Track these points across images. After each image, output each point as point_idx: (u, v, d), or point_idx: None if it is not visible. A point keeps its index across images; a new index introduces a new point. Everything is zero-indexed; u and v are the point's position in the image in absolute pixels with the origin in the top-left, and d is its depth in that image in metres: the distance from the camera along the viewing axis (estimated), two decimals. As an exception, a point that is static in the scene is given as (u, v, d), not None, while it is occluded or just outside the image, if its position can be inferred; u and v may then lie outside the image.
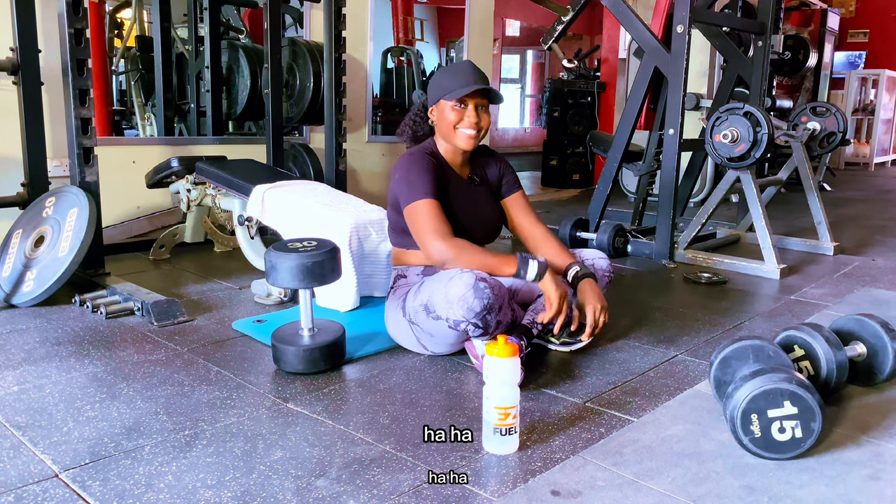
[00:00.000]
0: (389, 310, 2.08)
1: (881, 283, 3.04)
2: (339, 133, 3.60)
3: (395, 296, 2.06)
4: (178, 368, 1.91)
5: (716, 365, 1.66)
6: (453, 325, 1.82)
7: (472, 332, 1.83)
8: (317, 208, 2.52)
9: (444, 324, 1.84)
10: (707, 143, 3.19)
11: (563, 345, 2.06)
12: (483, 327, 1.81)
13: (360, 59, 4.53)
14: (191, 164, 3.01)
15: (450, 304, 1.79)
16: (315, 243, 1.92)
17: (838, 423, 1.60)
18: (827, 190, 6.72)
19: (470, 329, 1.82)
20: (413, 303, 1.93)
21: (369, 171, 4.69)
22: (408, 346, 2.06)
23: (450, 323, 1.82)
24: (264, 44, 3.36)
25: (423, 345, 1.99)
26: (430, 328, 1.89)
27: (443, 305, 1.81)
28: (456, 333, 1.86)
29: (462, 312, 1.77)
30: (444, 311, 1.81)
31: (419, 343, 2.00)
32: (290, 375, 1.87)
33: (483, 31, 5.36)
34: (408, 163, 2.01)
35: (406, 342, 2.05)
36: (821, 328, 1.73)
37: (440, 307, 1.82)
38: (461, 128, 2.01)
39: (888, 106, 9.80)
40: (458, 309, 1.78)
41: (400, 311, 2.00)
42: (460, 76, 1.99)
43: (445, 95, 1.99)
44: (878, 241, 4.13)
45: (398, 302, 2.03)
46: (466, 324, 1.80)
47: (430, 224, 1.91)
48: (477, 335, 1.85)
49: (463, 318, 1.79)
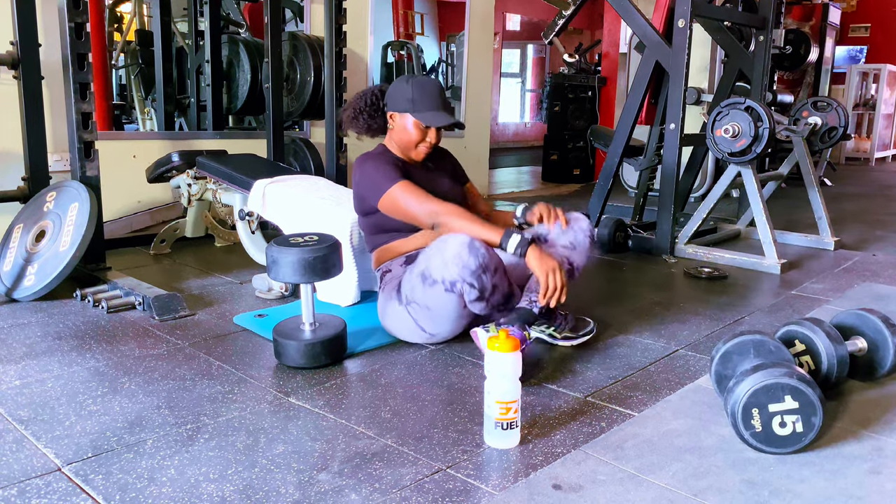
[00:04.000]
0: (384, 306, 2.09)
1: (882, 278, 3.04)
2: (340, 127, 3.59)
3: (386, 290, 2.09)
4: (180, 363, 1.91)
5: (717, 359, 1.67)
6: (449, 287, 1.83)
7: (469, 294, 1.84)
8: (318, 203, 2.52)
9: (440, 289, 1.85)
10: (708, 138, 3.19)
11: (564, 339, 2.05)
12: (479, 288, 1.82)
13: (360, 53, 4.52)
14: (191, 159, 3.01)
15: (445, 263, 1.82)
16: (316, 238, 1.92)
17: (839, 418, 1.60)
18: (827, 185, 6.72)
19: (466, 290, 1.83)
20: (409, 280, 1.95)
21: (370, 166, 4.68)
22: (408, 337, 2.06)
23: (446, 285, 1.84)
24: (265, 38, 3.35)
25: (421, 327, 2.00)
26: (428, 300, 1.90)
27: (438, 267, 1.83)
28: (454, 301, 1.87)
29: (457, 270, 1.80)
30: (439, 273, 1.84)
31: (418, 326, 2.00)
32: (291, 370, 1.87)
33: (483, 26, 5.35)
34: (364, 164, 2.10)
35: (406, 331, 2.05)
36: (821, 323, 1.73)
37: (436, 270, 1.84)
38: (421, 145, 2.12)
39: (889, 101, 9.78)
40: (454, 267, 1.80)
41: (395, 299, 2.02)
42: (431, 98, 2.09)
43: (416, 114, 2.08)
44: (879, 236, 4.13)
45: (391, 293, 2.05)
46: (462, 283, 1.82)
47: (414, 197, 1.99)
48: (473, 298, 1.85)
49: (458, 277, 1.81)
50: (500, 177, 7.45)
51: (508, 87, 13.35)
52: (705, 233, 3.77)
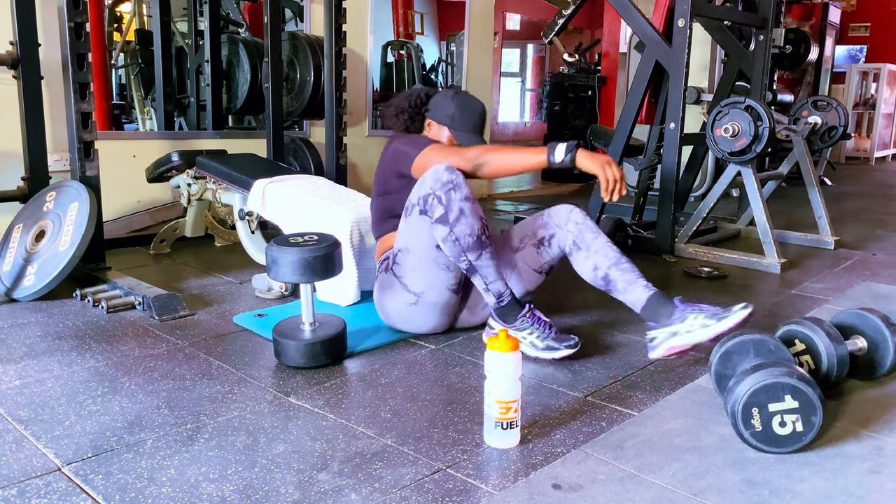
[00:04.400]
0: (380, 290, 2.12)
1: (882, 278, 3.04)
2: (340, 127, 3.59)
3: (381, 274, 2.12)
4: (180, 363, 1.91)
5: (717, 359, 1.67)
6: (422, 205, 1.87)
7: (433, 210, 1.85)
8: (317, 203, 2.52)
9: (415, 217, 1.90)
10: (708, 138, 3.19)
11: (546, 349, 1.93)
12: (444, 204, 1.84)
13: (360, 52, 4.52)
14: (191, 159, 3.01)
15: (422, 183, 1.89)
16: (316, 238, 1.92)
17: (839, 418, 1.60)
18: (827, 184, 6.72)
19: (433, 207, 1.85)
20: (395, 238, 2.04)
21: (370, 165, 4.67)
22: (398, 313, 2.08)
23: (420, 205, 1.88)
24: (264, 38, 3.35)
25: (406, 286, 2.01)
26: (409, 238, 1.96)
27: (415, 190, 1.91)
28: (428, 233, 1.90)
29: (430, 184, 1.86)
30: (415, 195, 1.90)
31: (404, 288, 2.02)
32: (291, 369, 1.87)
33: (483, 25, 5.35)
34: (396, 139, 2.14)
35: (395, 305, 2.07)
36: (821, 322, 1.73)
37: (413, 193, 1.92)
38: None
39: (889, 100, 9.78)
40: (429, 182, 1.86)
41: (382, 272, 2.09)
42: (471, 121, 2.17)
43: (453, 131, 2.15)
44: (879, 235, 4.13)
45: (384, 271, 2.10)
46: (432, 196, 1.85)
47: (450, 150, 2.01)
48: (437, 217, 1.85)
49: (430, 191, 1.86)
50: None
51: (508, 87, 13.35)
52: (705, 232, 3.77)
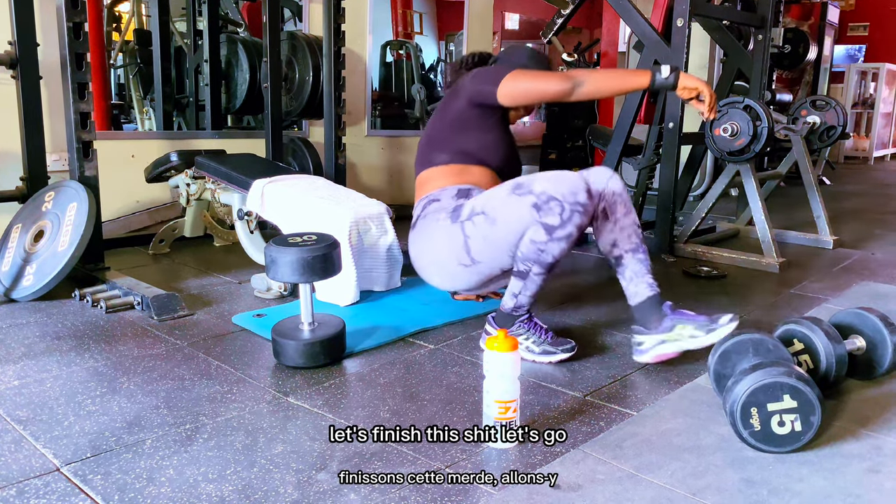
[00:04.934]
0: (423, 230, 2.06)
1: (880, 277, 3.04)
2: (339, 127, 3.59)
3: (430, 216, 2.05)
4: (179, 363, 1.91)
5: (715, 358, 1.67)
6: (543, 201, 1.77)
7: (549, 216, 1.77)
8: (316, 202, 2.52)
9: (526, 201, 1.79)
10: (707, 137, 3.19)
11: (543, 353, 1.93)
12: (564, 219, 1.77)
13: (359, 52, 4.51)
14: (190, 159, 3.00)
15: (556, 183, 1.78)
16: (315, 238, 1.92)
17: (837, 417, 1.60)
18: (826, 184, 6.72)
19: (551, 210, 1.77)
20: (487, 195, 1.93)
21: (369, 165, 4.69)
22: (439, 267, 2.04)
23: (540, 199, 1.77)
24: (263, 37, 3.35)
25: (468, 248, 1.94)
26: (503, 209, 1.85)
27: (545, 182, 1.79)
28: (526, 220, 1.81)
29: (564, 191, 1.76)
30: (541, 186, 1.78)
31: (465, 248, 1.94)
32: (290, 369, 1.87)
33: (482, 25, 5.34)
34: (476, 71, 2.10)
35: (443, 255, 2.01)
36: (820, 322, 1.73)
37: (540, 183, 1.79)
38: (522, 109, 2.24)
39: (888, 100, 9.79)
40: (564, 188, 1.77)
41: (446, 220, 1.99)
42: (545, 65, 2.20)
43: (536, 68, 2.13)
44: (878, 234, 4.13)
45: (437, 215, 2.02)
46: (557, 203, 1.76)
47: (539, 73, 1.98)
48: (552, 223, 1.77)
49: (560, 197, 1.76)
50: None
51: (507, 87, 13.31)
52: (704, 232, 3.77)
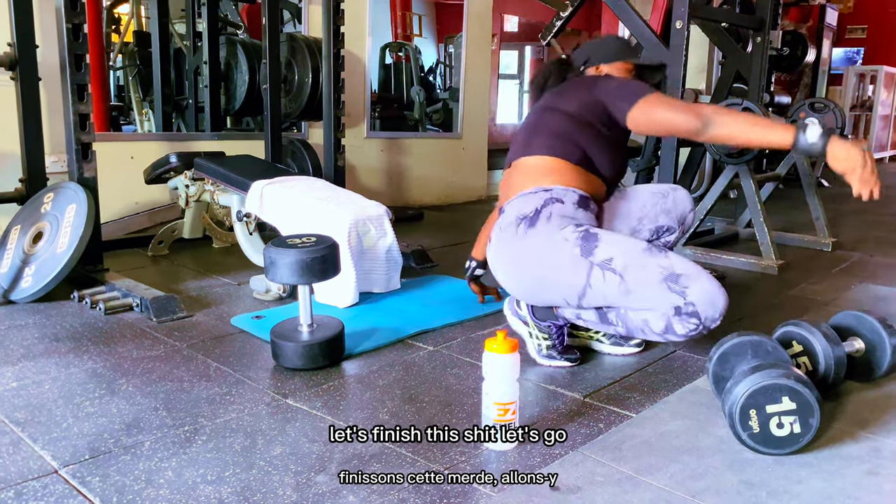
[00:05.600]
0: (545, 234, 1.78)
1: (879, 279, 3.04)
2: (338, 129, 3.59)
3: (555, 223, 1.78)
4: (178, 364, 1.91)
5: (714, 360, 1.66)
6: (687, 312, 1.66)
7: (685, 326, 1.69)
8: (315, 204, 2.52)
9: (674, 301, 1.66)
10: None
11: (547, 357, 1.94)
12: (686, 335, 1.70)
13: (358, 54, 4.52)
14: (189, 160, 3.00)
15: (713, 302, 1.66)
16: (314, 239, 1.92)
17: (836, 419, 1.60)
18: (825, 186, 6.73)
19: (682, 325, 1.68)
20: (627, 255, 1.71)
21: (368, 167, 4.69)
22: (526, 279, 1.85)
23: (688, 308, 1.65)
24: (262, 39, 3.35)
25: (579, 299, 1.77)
26: (637, 290, 1.69)
27: (702, 294, 1.65)
28: (645, 312, 1.72)
29: (711, 315, 1.66)
30: (695, 296, 1.65)
31: (576, 293, 1.75)
32: (289, 371, 1.87)
33: (481, 27, 5.35)
34: (610, 77, 1.98)
35: (538, 278, 1.81)
36: (819, 324, 1.73)
37: (696, 291, 1.65)
38: None
39: (886, 102, 9.81)
40: (714, 311, 1.66)
41: (578, 243, 1.74)
42: (634, 50, 2.14)
43: (632, 60, 2.08)
44: (876, 237, 4.14)
45: (569, 230, 1.77)
46: (698, 325, 1.67)
47: (675, 101, 1.83)
48: (687, 330, 1.69)
49: (704, 319, 1.67)
50: (499, 177, 7.45)
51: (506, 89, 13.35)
52: (703, 234, 3.77)
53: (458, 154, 5.29)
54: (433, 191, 5.10)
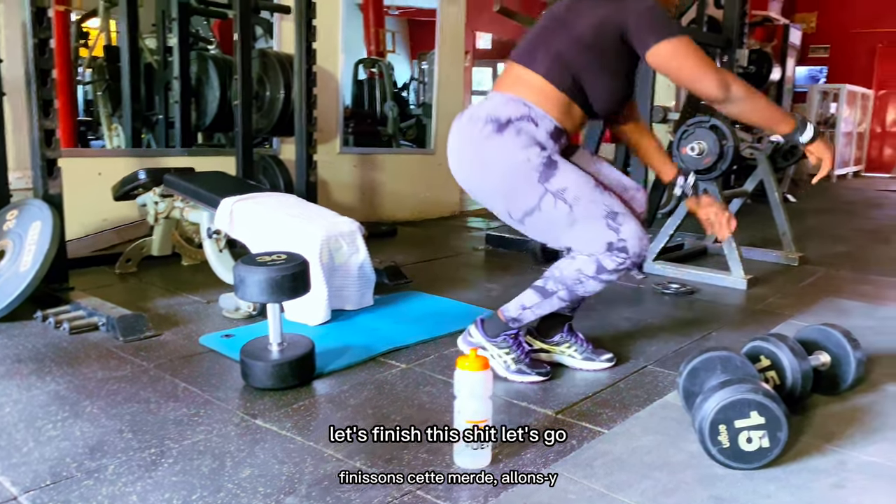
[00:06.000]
0: (512, 147, 1.76)
1: (844, 293, 3.10)
2: (310, 145, 3.57)
3: (523, 139, 1.76)
4: (144, 385, 1.87)
5: (684, 376, 1.68)
6: (618, 247, 1.75)
7: (608, 259, 1.77)
8: (287, 220, 2.50)
9: (609, 237, 1.75)
10: (675, 156, 3.24)
11: (517, 373, 1.93)
12: (615, 271, 1.78)
13: (331, 70, 4.51)
14: (158, 177, 2.97)
15: (639, 240, 1.77)
16: (284, 257, 1.90)
17: (804, 432, 1.62)
18: (791, 201, 6.86)
19: (611, 260, 1.76)
20: (580, 189, 1.76)
21: (341, 183, 4.67)
22: (488, 186, 1.84)
23: (619, 244, 1.75)
24: (234, 55, 3.34)
25: (524, 218, 1.81)
26: (581, 222, 1.77)
27: (632, 233, 1.76)
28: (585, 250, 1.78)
29: (638, 251, 1.77)
30: (627, 234, 1.75)
31: (522, 209, 1.80)
32: (258, 391, 1.84)
33: (454, 44, 5.39)
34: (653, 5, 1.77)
35: (497, 189, 1.82)
36: (786, 338, 1.76)
37: (628, 230, 1.76)
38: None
39: (848, 119, 10.06)
40: (640, 247, 1.77)
41: (539, 169, 1.76)
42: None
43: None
44: (841, 251, 4.23)
45: (535, 153, 1.76)
46: (626, 259, 1.76)
47: (708, 60, 1.75)
48: (608, 267, 1.77)
49: (632, 253, 1.76)
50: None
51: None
52: (673, 249, 3.82)
53: (432, 170, 5.30)
54: (406, 206, 5.10)
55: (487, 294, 2.98)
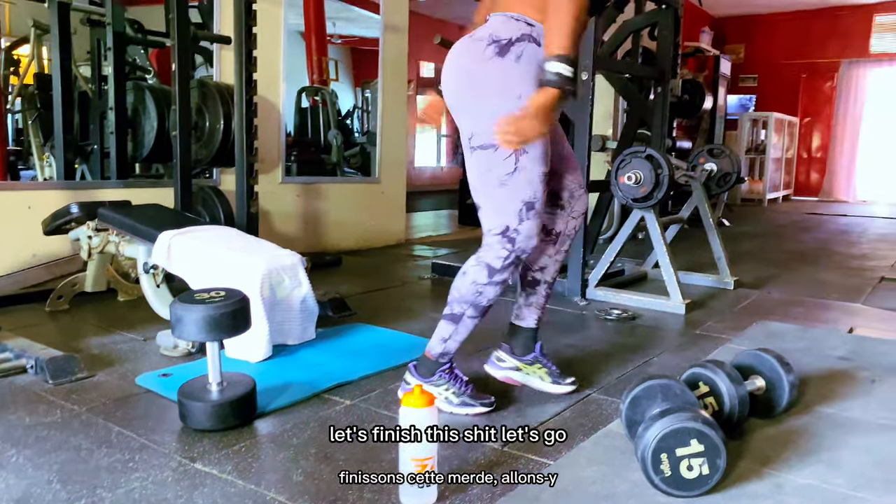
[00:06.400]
0: (500, 72, 1.73)
1: (776, 315, 3.21)
2: (251, 176, 3.53)
3: (518, 70, 1.73)
4: (76, 430, 1.79)
5: (626, 404, 1.70)
6: (508, 236, 1.81)
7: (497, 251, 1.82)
8: (226, 254, 2.45)
9: (509, 220, 1.80)
10: (613, 185, 3.32)
11: (461, 406, 1.93)
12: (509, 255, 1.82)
13: (272, 99, 4.48)
14: (92, 210, 2.87)
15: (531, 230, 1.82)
16: (223, 293, 1.86)
17: (742, 457, 1.66)
18: (726, 225, 7.10)
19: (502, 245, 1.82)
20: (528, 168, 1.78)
21: (284, 213, 4.62)
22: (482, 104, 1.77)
23: (511, 234, 1.81)
24: (172, 85, 3.28)
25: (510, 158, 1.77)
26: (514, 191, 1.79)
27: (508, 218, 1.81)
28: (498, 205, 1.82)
29: (526, 246, 1.83)
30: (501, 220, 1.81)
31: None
32: (198, 433, 1.79)
33: (397, 73, 5.42)
34: None
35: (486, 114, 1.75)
36: (723, 364, 1.80)
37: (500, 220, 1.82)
38: None
39: (777, 146, 10.52)
40: (526, 242, 1.82)
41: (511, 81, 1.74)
42: None
43: None
44: (774, 274, 4.38)
45: (522, 94, 1.71)
46: (511, 248, 1.81)
47: None
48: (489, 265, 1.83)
49: (518, 246, 1.82)
50: (418, 220, 7.50)
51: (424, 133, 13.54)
52: (614, 275, 3.89)
53: (377, 198, 5.30)
54: (351, 235, 5.07)
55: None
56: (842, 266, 4.84)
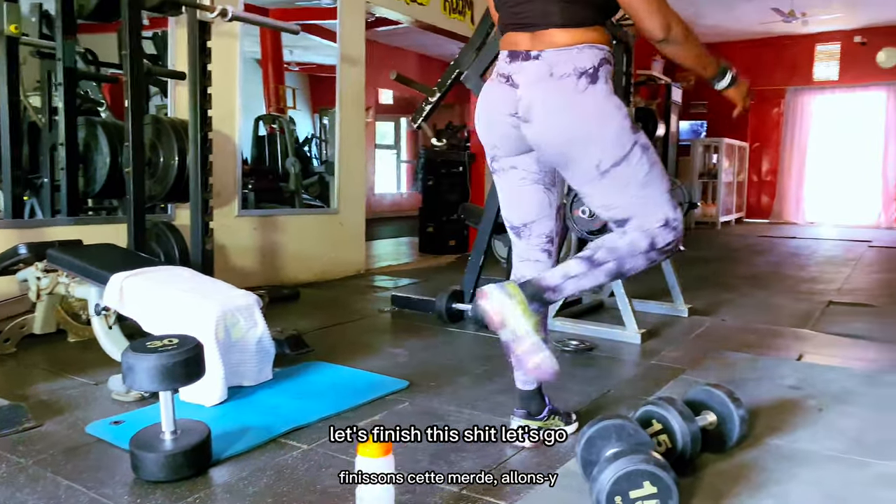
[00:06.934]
0: (599, 96, 1.75)
1: (730, 343, 3.28)
2: (206, 212, 3.49)
3: (609, 86, 1.78)
4: (21, 486, 1.73)
5: (582, 445, 1.72)
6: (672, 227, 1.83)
7: (663, 237, 1.82)
8: (180, 296, 2.41)
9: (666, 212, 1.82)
10: (567, 218, 3.38)
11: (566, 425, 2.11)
12: (661, 248, 1.83)
13: (228, 133, 4.45)
14: (41, 251, 2.81)
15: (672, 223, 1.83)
16: (176, 341, 1.83)
17: (695, 495, 1.69)
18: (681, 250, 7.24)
19: (663, 235, 1.82)
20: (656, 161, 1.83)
21: (240, 246, 4.57)
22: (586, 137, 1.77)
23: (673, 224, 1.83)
24: (125, 121, 3.23)
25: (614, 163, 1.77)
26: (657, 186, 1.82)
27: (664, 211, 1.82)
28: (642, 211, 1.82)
29: (680, 235, 1.86)
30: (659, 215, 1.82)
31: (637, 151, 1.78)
32: (150, 484, 1.75)
33: (355, 100, 5.44)
34: None
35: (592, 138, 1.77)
36: (674, 402, 1.84)
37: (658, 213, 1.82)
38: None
39: (728, 170, 10.82)
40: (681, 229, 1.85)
41: (628, 120, 1.79)
42: None
43: None
44: (727, 299, 4.49)
45: (619, 104, 1.78)
46: (675, 237, 1.84)
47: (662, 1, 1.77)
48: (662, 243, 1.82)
49: (676, 237, 1.84)
50: (379, 249, 7.49)
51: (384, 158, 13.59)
52: (572, 304, 3.94)
53: (335, 229, 5.28)
54: (310, 267, 5.04)
55: (394, 360, 2.96)
56: (793, 290, 4.98)
